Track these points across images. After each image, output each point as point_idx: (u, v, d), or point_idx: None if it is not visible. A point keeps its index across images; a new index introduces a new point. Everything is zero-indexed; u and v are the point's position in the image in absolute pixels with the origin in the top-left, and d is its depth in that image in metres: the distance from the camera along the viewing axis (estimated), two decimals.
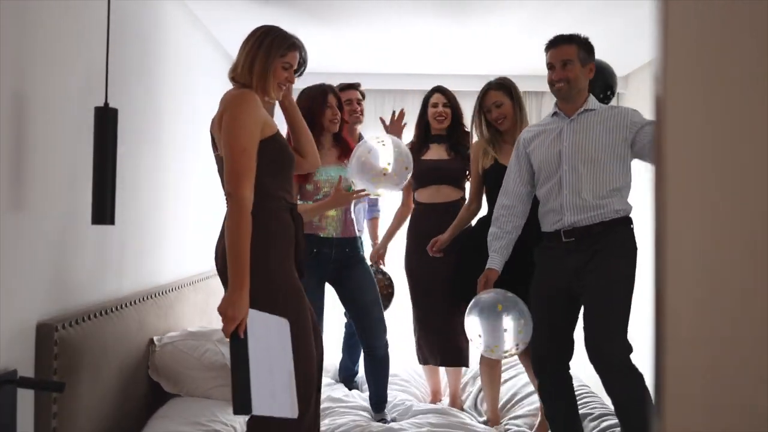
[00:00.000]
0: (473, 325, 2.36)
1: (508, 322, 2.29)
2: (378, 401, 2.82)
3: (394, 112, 2.84)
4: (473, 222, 2.88)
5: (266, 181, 1.82)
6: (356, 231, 2.73)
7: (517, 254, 2.44)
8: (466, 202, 2.88)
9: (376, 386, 2.81)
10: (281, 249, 1.88)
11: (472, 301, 2.37)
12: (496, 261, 2.41)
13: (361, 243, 2.82)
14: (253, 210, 1.75)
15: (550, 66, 2.28)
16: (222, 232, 1.86)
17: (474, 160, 2.80)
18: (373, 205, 3.52)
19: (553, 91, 2.31)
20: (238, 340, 1.70)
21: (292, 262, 1.92)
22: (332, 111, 2.61)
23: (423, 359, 3.04)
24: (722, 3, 0.50)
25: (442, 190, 2.95)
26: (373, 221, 3.54)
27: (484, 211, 2.83)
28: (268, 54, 1.90)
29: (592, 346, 2.14)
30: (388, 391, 2.89)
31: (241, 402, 1.60)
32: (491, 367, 2.85)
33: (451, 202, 2.95)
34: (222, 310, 1.70)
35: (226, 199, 1.76)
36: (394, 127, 2.79)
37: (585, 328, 2.19)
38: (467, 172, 2.95)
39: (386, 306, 2.98)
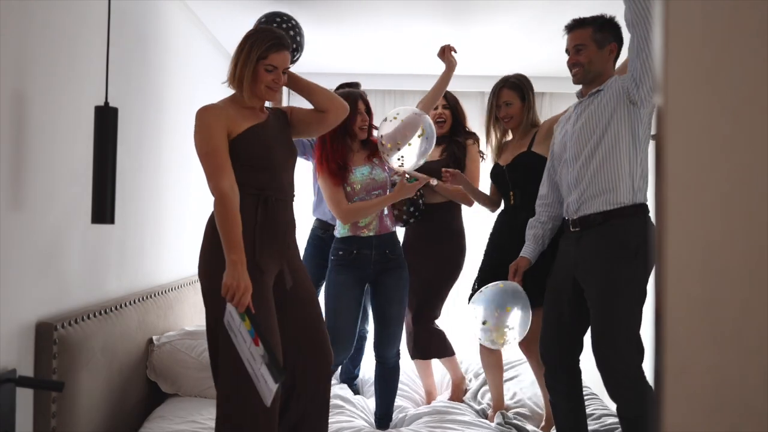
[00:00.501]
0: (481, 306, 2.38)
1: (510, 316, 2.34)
2: (383, 416, 2.81)
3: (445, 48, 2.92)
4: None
5: (238, 173, 1.91)
6: (392, 227, 2.73)
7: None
8: None
9: (382, 398, 2.80)
10: (246, 234, 1.91)
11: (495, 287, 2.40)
12: (529, 249, 2.43)
13: (399, 243, 2.79)
14: None
15: (567, 51, 2.27)
16: (203, 244, 1.95)
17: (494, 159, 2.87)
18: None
19: (571, 76, 2.29)
20: (253, 313, 1.76)
21: (254, 247, 1.94)
22: (362, 117, 2.65)
23: (417, 353, 3.01)
24: (723, 3, 0.50)
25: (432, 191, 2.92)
26: None
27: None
28: (248, 58, 1.95)
29: (596, 356, 2.10)
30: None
31: (278, 369, 1.66)
32: (490, 352, 2.83)
33: (441, 203, 2.94)
34: (234, 284, 1.75)
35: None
36: (447, 53, 2.90)
37: (591, 335, 2.13)
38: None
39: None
